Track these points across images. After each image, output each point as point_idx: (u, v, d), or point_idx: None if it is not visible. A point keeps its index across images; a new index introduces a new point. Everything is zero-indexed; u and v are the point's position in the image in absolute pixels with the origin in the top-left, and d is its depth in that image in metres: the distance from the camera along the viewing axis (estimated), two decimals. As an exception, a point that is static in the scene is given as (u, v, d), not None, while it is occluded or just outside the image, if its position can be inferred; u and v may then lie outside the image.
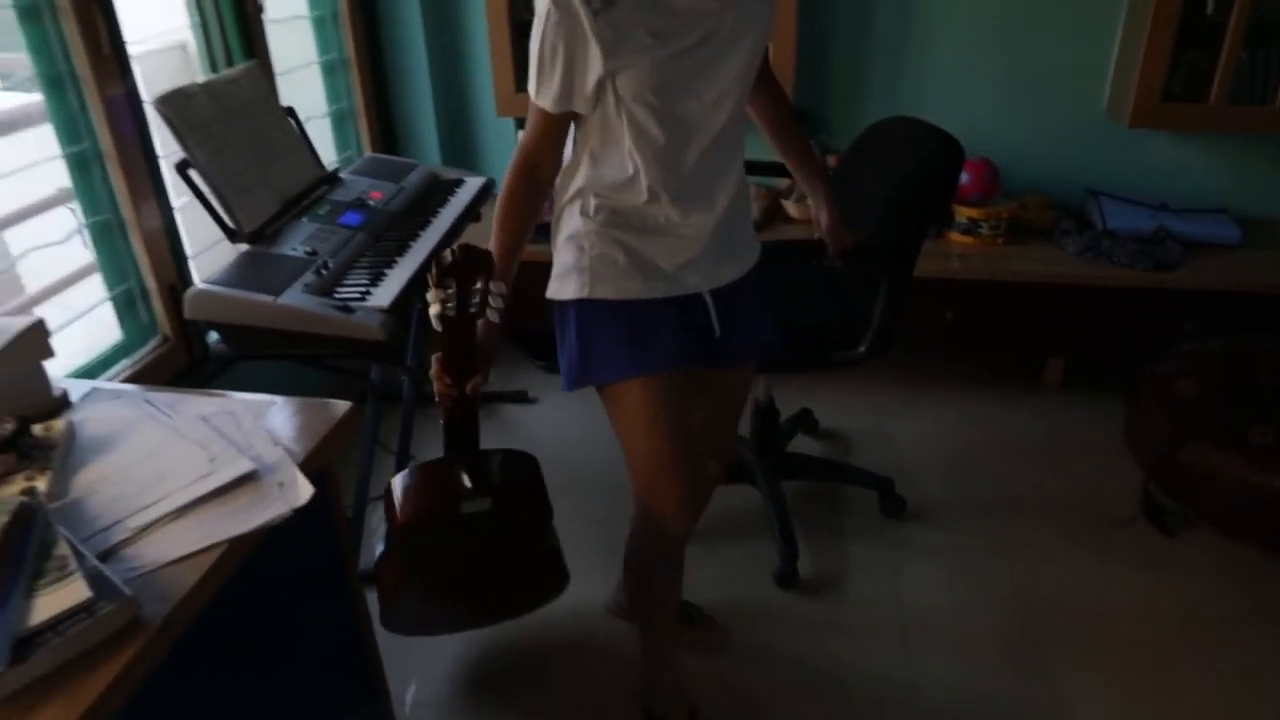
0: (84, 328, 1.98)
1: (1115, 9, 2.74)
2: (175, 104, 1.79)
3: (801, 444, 2.65)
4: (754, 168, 2.63)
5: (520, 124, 3.00)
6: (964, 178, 2.72)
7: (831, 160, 2.92)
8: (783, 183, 2.97)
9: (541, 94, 1.30)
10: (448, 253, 1.29)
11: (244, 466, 1.12)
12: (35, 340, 1.26)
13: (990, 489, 2.47)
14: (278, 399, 1.29)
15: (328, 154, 2.77)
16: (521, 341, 2.98)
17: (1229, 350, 2.49)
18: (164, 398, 1.31)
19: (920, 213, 1.87)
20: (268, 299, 1.66)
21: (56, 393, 1.31)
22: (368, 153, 2.86)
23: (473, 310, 1.33)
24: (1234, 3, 2.47)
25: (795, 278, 2.16)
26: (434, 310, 1.31)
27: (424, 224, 2.10)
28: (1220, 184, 2.91)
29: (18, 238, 2.98)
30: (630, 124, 1.32)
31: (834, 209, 1.73)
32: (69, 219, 2.47)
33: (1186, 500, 2.31)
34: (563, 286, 1.44)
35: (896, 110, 2.91)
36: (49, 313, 2.58)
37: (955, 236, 2.81)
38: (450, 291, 1.30)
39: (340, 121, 2.82)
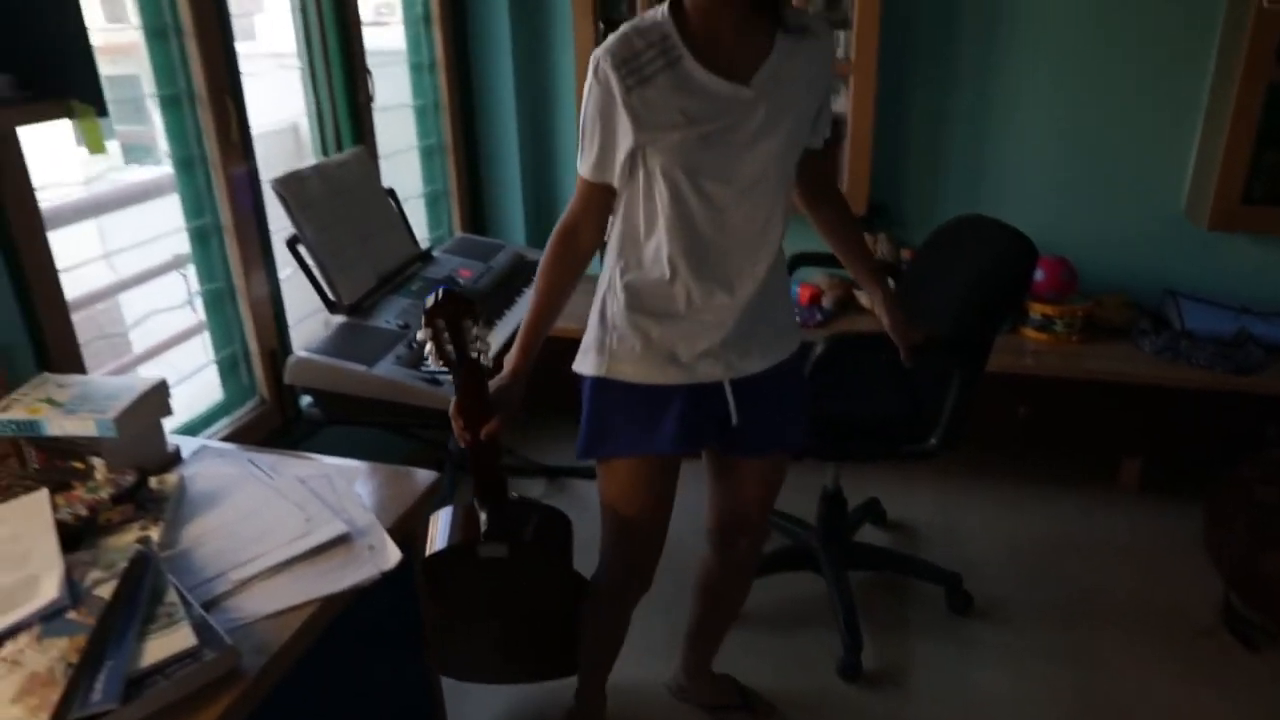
0: (187, 385, 2.13)
1: (1194, 111, 2.75)
2: (291, 185, 1.95)
3: (868, 534, 2.64)
4: (825, 260, 2.73)
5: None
6: (1039, 275, 2.73)
7: (906, 254, 2.97)
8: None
9: (582, 162, 1.40)
10: (433, 295, 1.37)
11: (338, 529, 1.20)
12: (158, 399, 1.38)
13: (1061, 590, 2.41)
14: (368, 466, 1.37)
15: (422, 232, 2.93)
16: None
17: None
18: (266, 459, 1.40)
19: (993, 311, 1.89)
20: (361, 369, 1.77)
21: (170, 448, 1.42)
22: (459, 232, 3.01)
23: (473, 355, 1.39)
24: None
25: (866, 369, 2.20)
26: (427, 349, 1.38)
27: (509, 303, 2.20)
28: (1307, 288, 2.86)
29: (130, 299, 3.20)
30: (660, 199, 1.38)
31: (896, 310, 1.73)
32: (178, 282, 2.67)
33: (1270, 612, 2.22)
34: (584, 361, 1.51)
35: (973, 206, 2.95)
36: (154, 370, 2.77)
37: (1029, 332, 2.81)
38: (439, 330, 1.36)
39: (434, 201, 2.99)
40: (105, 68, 1.30)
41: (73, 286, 1.69)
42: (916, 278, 2.22)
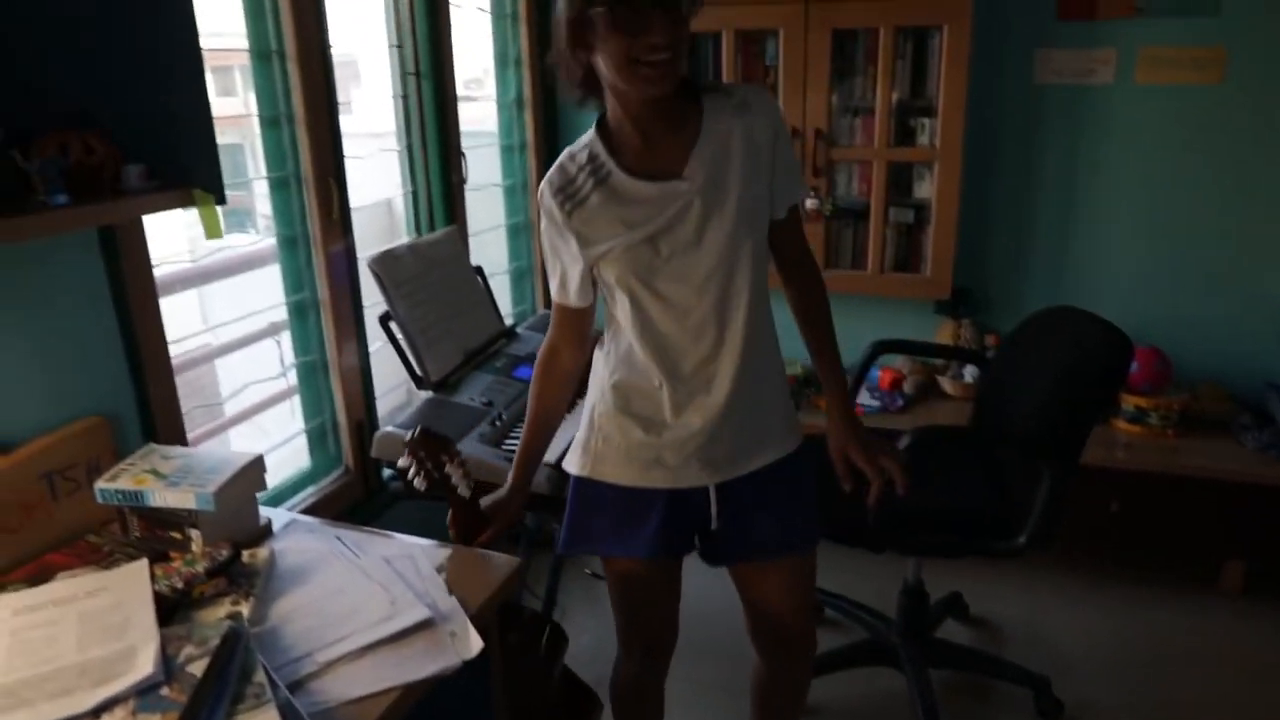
0: (276, 452, 2.19)
1: (1295, 203, 2.68)
2: (386, 263, 2.02)
3: (951, 629, 2.54)
4: (908, 347, 2.69)
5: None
6: (1132, 366, 2.64)
7: (990, 340, 2.91)
8: (936, 361, 2.97)
9: (551, 288, 1.45)
10: (411, 433, 1.41)
11: (421, 614, 1.20)
12: (254, 474, 1.42)
13: (1157, 699, 2.27)
14: (450, 548, 1.38)
15: (505, 307, 3.00)
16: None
17: None
18: (352, 536, 1.43)
19: (1084, 407, 1.83)
20: (446, 446, 1.80)
21: (262, 521, 1.46)
22: (541, 308, 3.07)
23: (453, 484, 1.42)
24: None
25: (953, 461, 2.14)
26: (410, 474, 1.42)
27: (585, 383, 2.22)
28: None
29: (226, 362, 3.33)
30: (623, 309, 1.39)
31: (841, 422, 1.49)
32: (272, 347, 2.77)
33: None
34: (571, 459, 1.53)
35: (1060, 292, 2.90)
36: (245, 432, 2.87)
37: (1122, 424, 2.71)
38: (421, 462, 1.40)
39: (519, 278, 3.06)
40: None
41: (175, 350, 1.77)
42: (1003, 369, 2.17)
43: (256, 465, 1.42)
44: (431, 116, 2.45)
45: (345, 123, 2.12)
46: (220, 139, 1.38)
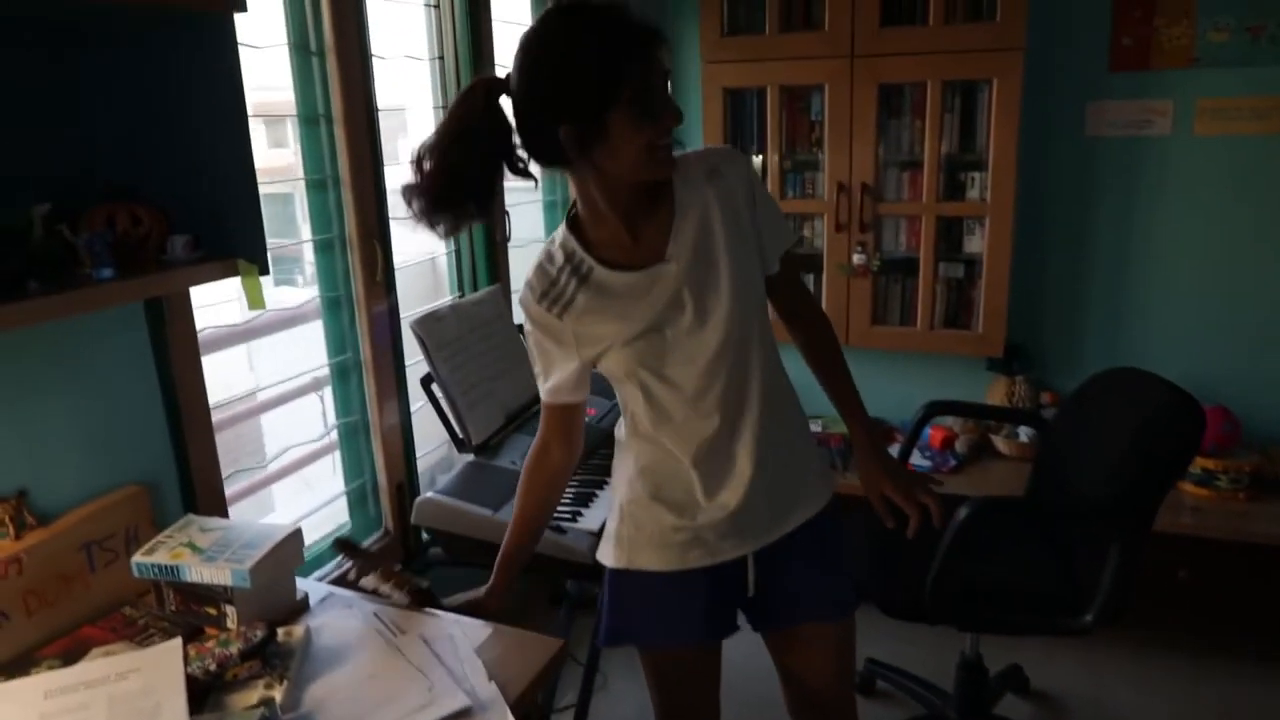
0: (317, 511, 2.17)
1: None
2: (428, 325, 2.00)
3: (1010, 705, 2.41)
4: (963, 409, 2.61)
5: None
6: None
7: (1047, 398, 2.82)
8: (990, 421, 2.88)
9: (540, 387, 1.38)
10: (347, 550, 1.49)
11: (460, 701, 1.15)
12: (292, 548, 1.39)
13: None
14: (493, 628, 1.33)
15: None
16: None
17: None
18: (390, 613, 1.38)
19: (1154, 477, 1.74)
20: (487, 513, 1.76)
21: (299, 595, 1.42)
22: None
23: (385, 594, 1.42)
24: None
25: (1010, 532, 2.04)
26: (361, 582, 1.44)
27: (632, 443, 2.18)
28: None
29: (269, 416, 3.34)
30: (633, 400, 1.33)
31: (872, 461, 1.46)
32: (315, 402, 2.76)
33: None
34: (604, 551, 1.44)
35: (1117, 349, 2.80)
36: (286, 484, 2.85)
37: (1189, 488, 2.59)
38: (362, 569, 1.43)
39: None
40: (263, 187, 1.36)
41: (220, 406, 1.77)
42: (1064, 434, 2.07)
43: (295, 539, 1.39)
44: (475, 175, 2.45)
45: (392, 175, 2.12)
46: (271, 188, 1.37)
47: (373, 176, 2.05)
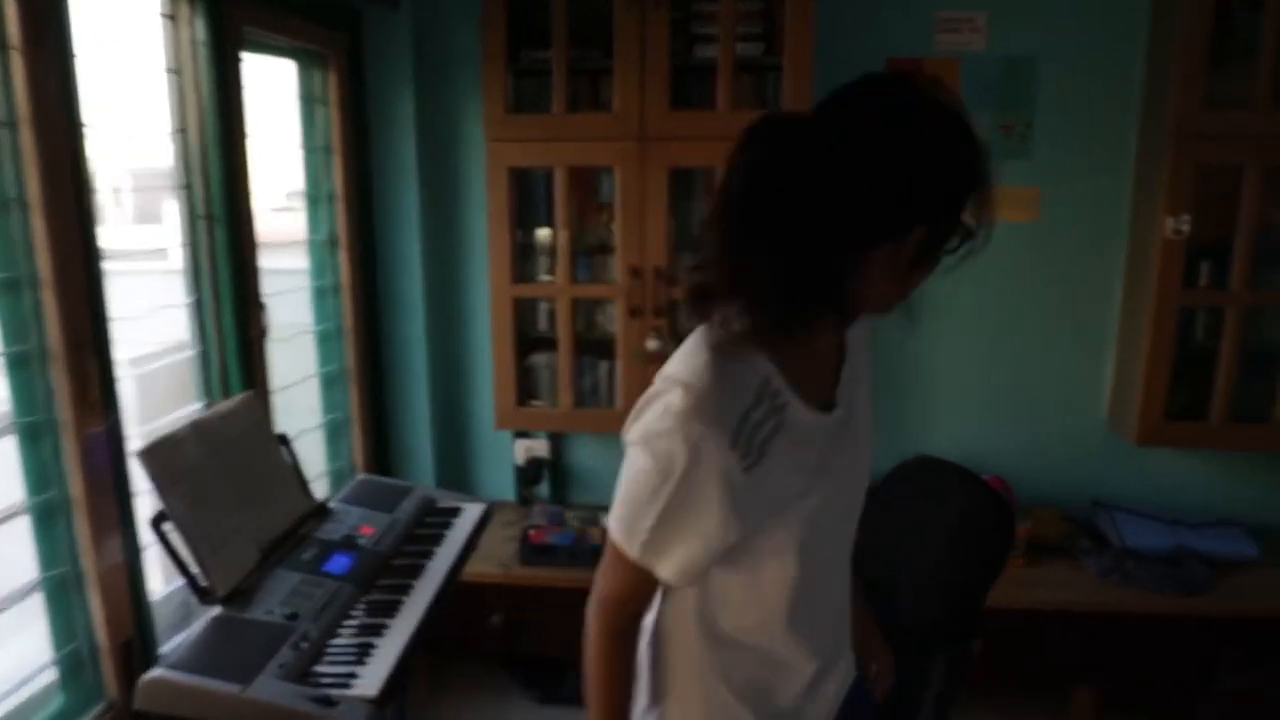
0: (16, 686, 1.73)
1: (1105, 330, 2.83)
2: (159, 454, 1.66)
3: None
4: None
5: (520, 434, 2.93)
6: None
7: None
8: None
9: (645, 552, 1.01)
10: None
11: None
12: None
13: None
14: None
15: (319, 464, 2.64)
16: (515, 671, 2.72)
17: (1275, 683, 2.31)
18: None
19: (984, 583, 1.71)
20: (234, 690, 1.43)
21: None
22: (360, 470, 2.72)
23: None
24: (1222, 331, 2.57)
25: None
26: None
27: (417, 570, 1.92)
28: (1229, 495, 2.88)
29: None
30: (769, 582, 1.07)
31: (876, 625, 1.45)
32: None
33: None
34: None
35: (901, 430, 2.87)
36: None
37: (973, 560, 2.67)
38: None
39: (334, 432, 2.72)
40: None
41: None
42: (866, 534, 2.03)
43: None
44: (225, 265, 2.12)
45: (115, 268, 1.78)
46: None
47: (84, 273, 1.69)
